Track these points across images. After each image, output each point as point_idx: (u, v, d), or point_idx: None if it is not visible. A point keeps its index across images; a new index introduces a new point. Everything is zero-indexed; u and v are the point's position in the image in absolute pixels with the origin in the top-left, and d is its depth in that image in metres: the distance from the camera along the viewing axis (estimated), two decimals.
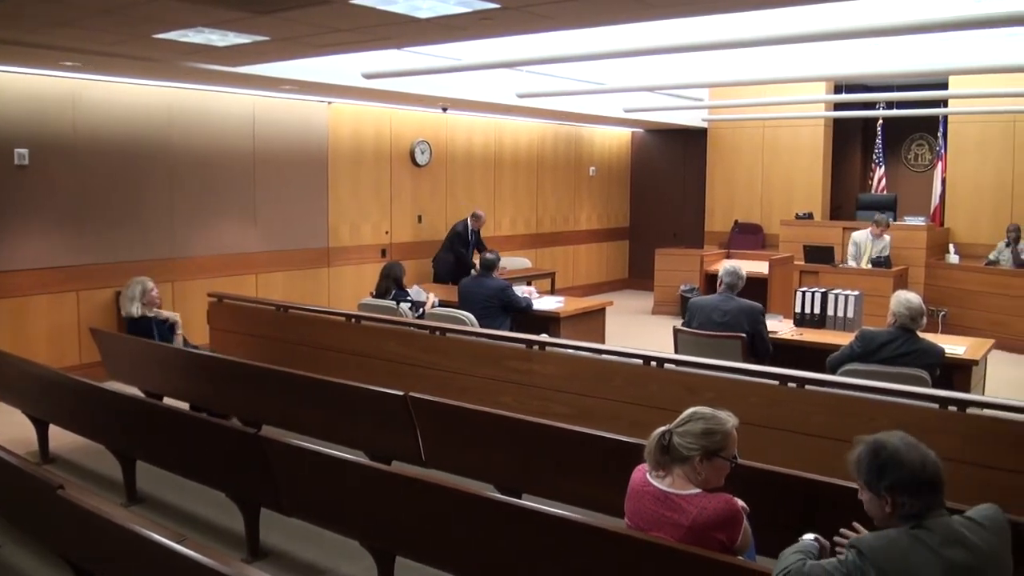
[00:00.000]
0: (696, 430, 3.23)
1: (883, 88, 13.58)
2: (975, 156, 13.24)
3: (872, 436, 2.77)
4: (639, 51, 8.01)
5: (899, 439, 2.72)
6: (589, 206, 16.15)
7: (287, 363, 6.87)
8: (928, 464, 2.65)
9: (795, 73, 11.05)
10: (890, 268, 11.36)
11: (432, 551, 4.09)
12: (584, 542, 3.40)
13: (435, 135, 12.67)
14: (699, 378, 5.47)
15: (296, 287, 10.78)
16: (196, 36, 6.33)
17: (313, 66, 8.46)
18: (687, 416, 3.27)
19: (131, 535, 3.23)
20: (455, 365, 6.61)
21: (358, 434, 5.77)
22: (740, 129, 15.35)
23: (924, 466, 2.64)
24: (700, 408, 3.31)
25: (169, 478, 5.53)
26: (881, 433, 2.77)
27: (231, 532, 5.12)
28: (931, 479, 2.64)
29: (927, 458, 2.66)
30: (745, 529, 3.23)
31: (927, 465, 2.65)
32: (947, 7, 7.50)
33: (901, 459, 2.66)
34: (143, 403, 5.79)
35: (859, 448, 2.77)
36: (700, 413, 3.28)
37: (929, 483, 2.63)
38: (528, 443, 4.90)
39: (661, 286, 14.15)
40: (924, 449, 2.70)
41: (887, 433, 2.76)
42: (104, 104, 8.88)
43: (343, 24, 5.93)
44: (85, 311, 8.81)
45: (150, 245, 9.33)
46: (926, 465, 2.65)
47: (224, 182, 10.00)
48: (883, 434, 2.75)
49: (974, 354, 6.38)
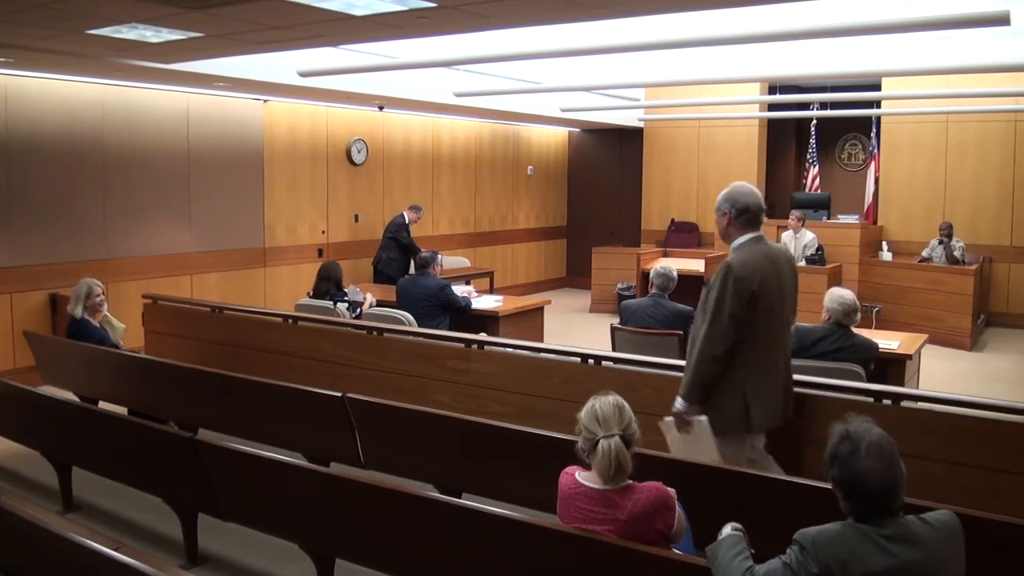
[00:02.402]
0: (630, 416, 3.26)
1: (817, 89, 13.79)
2: (908, 156, 13.52)
3: (858, 422, 2.65)
4: (576, 51, 8.05)
5: (871, 439, 2.59)
6: (527, 205, 16.19)
7: (223, 365, 6.80)
8: (877, 477, 2.53)
9: (730, 74, 11.16)
10: (824, 265, 11.53)
11: (372, 553, 4.07)
12: (525, 540, 3.41)
13: (372, 134, 12.60)
14: (636, 375, 5.51)
15: (232, 288, 10.66)
16: (130, 32, 6.23)
17: (248, 63, 8.38)
18: (609, 408, 3.25)
19: (67, 543, 3.17)
20: (393, 365, 6.58)
21: (296, 436, 5.72)
22: (676, 129, 15.47)
23: (870, 477, 2.53)
24: (600, 398, 3.31)
25: (106, 484, 5.44)
26: (866, 425, 2.64)
27: (169, 538, 5.04)
28: (872, 492, 2.54)
29: (880, 471, 2.54)
30: (679, 515, 3.26)
31: (874, 477, 2.53)
32: (880, 10, 7.65)
33: (854, 460, 2.57)
34: (78, 408, 5.68)
35: (838, 425, 2.68)
36: (612, 401, 3.29)
37: (868, 494, 2.54)
38: (467, 442, 4.89)
39: (598, 284, 14.23)
40: (890, 460, 2.56)
41: (870, 427, 2.63)
42: (36, 101, 8.70)
43: (277, 21, 5.88)
44: (19, 314, 8.62)
45: (83, 246, 9.15)
46: (873, 477, 2.53)
47: (158, 181, 9.85)
48: (866, 427, 2.63)
49: (908, 349, 6.51)
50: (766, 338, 4.43)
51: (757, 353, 4.41)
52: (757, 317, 4.34)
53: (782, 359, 4.58)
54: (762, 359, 4.43)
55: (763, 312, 4.36)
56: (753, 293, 4.30)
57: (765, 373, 4.45)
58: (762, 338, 4.40)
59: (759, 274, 4.34)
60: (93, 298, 6.99)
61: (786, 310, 4.55)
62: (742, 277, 4.29)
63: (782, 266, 4.53)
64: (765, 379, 4.44)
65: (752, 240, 4.48)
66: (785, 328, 4.60)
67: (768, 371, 4.46)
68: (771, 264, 4.45)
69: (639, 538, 3.13)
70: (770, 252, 4.52)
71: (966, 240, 12.16)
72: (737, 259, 4.38)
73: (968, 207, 13.04)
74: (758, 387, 4.42)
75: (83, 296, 6.96)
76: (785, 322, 4.58)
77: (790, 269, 4.60)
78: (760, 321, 4.36)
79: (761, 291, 4.33)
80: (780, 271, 4.49)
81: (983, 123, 12.84)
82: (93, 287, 6.99)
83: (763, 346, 4.42)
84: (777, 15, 7.77)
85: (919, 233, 13.13)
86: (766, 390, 4.45)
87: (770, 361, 4.47)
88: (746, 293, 4.29)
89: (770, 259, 4.46)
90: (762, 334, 4.40)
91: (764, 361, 4.44)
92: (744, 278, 4.29)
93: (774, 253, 4.55)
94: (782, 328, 4.56)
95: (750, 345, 4.37)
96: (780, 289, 4.47)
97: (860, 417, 2.70)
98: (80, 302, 6.95)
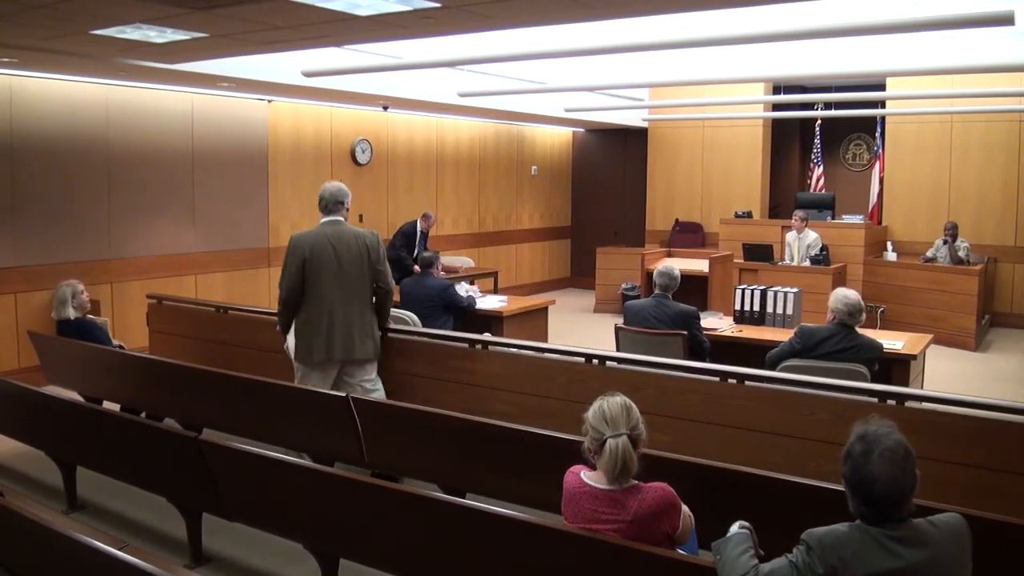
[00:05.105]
0: (637, 416, 3.26)
1: (821, 89, 13.78)
2: (912, 156, 13.52)
3: (878, 424, 2.61)
4: (580, 51, 8.05)
5: (887, 443, 2.55)
6: (531, 205, 16.18)
7: (228, 365, 6.81)
8: (885, 482, 2.50)
9: (734, 74, 11.15)
10: (829, 265, 11.52)
11: (376, 553, 4.07)
12: (529, 541, 3.40)
13: (376, 134, 12.61)
14: (641, 375, 5.50)
15: (237, 288, 10.67)
16: (134, 32, 6.23)
17: (252, 64, 8.38)
18: (617, 408, 3.25)
19: (72, 543, 3.17)
20: (397, 365, 6.58)
21: (300, 436, 5.73)
22: (680, 129, 15.47)
23: (878, 481, 2.50)
24: (607, 398, 3.31)
25: (111, 484, 5.44)
26: (886, 429, 2.59)
27: (173, 538, 5.05)
28: (877, 496, 2.51)
29: (889, 476, 2.50)
30: (685, 515, 3.26)
31: (882, 482, 2.50)
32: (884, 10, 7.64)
33: (865, 461, 2.53)
34: (82, 408, 5.68)
35: (859, 424, 2.64)
36: (619, 401, 3.29)
37: (873, 497, 2.52)
38: (471, 443, 4.90)
39: (602, 285, 14.22)
40: (903, 467, 2.52)
41: (889, 432, 2.58)
42: (40, 102, 8.71)
43: (282, 21, 5.88)
44: (23, 314, 8.63)
45: (87, 246, 9.16)
46: (881, 482, 2.50)
47: (162, 181, 9.85)
48: (885, 430, 2.58)
49: (912, 349, 6.50)
50: (317, 288, 5.94)
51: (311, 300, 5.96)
52: (309, 274, 5.91)
53: (341, 308, 5.98)
54: (314, 305, 5.94)
55: (314, 271, 5.90)
56: (304, 258, 5.89)
57: (320, 316, 5.93)
58: (314, 289, 5.94)
59: (308, 243, 5.94)
60: (80, 296, 7.03)
61: (344, 269, 5.97)
62: (295, 244, 5.97)
63: (343, 239, 6.02)
64: (320, 321, 5.93)
65: (323, 224, 6.09)
66: (347, 279, 5.99)
67: (322, 315, 5.93)
68: (327, 238, 5.98)
69: (644, 539, 3.12)
70: (334, 231, 6.03)
71: (971, 240, 12.13)
72: (299, 234, 6.08)
73: (972, 207, 13.03)
74: (314, 327, 5.94)
75: (69, 298, 7.00)
76: (346, 275, 5.99)
77: (354, 242, 6.05)
78: (312, 277, 5.92)
79: (311, 256, 5.90)
80: (335, 243, 5.98)
81: (988, 123, 12.83)
82: (76, 286, 7.05)
83: (315, 295, 5.94)
84: (781, 15, 7.76)
85: (923, 233, 13.12)
86: (322, 329, 5.93)
87: (322, 307, 5.93)
88: (299, 256, 5.91)
89: (328, 235, 5.99)
90: (313, 286, 5.93)
91: (316, 307, 5.93)
92: (297, 245, 5.95)
93: (339, 232, 6.04)
94: (342, 281, 5.98)
95: (307, 295, 5.95)
96: (336, 256, 5.95)
97: (882, 419, 2.66)
98: (68, 304, 6.98)
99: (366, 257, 6.05)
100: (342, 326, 5.97)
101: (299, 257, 5.90)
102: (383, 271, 6.15)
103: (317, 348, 5.94)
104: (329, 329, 5.94)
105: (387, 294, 6.27)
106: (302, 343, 5.99)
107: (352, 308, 6.01)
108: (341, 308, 5.97)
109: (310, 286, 5.92)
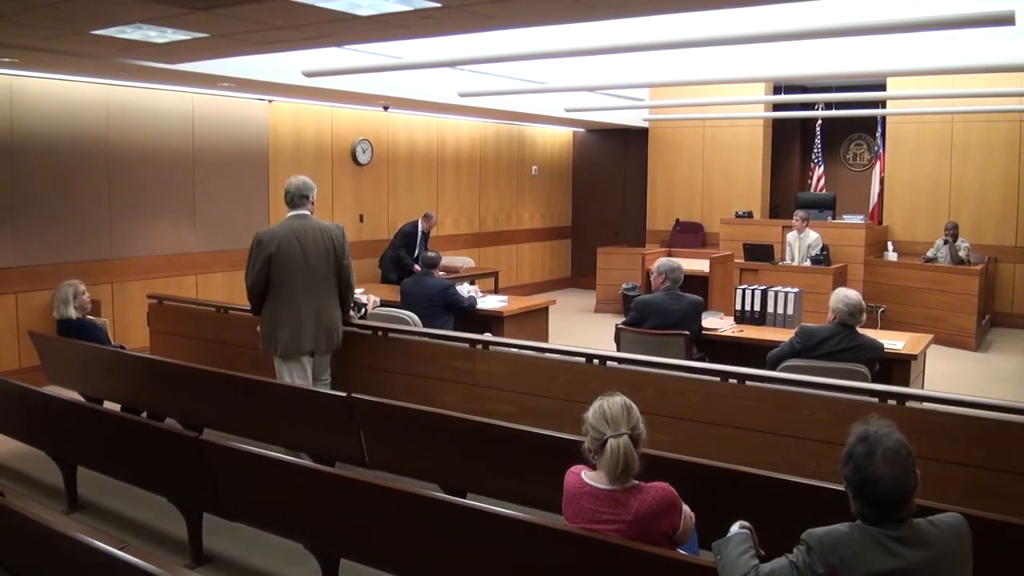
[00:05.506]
0: (638, 416, 3.26)
1: (822, 89, 13.78)
2: (913, 156, 13.52)
3: (879, 424, 2.62)
4: (580, 51, 8.05)
5: (888, 444, 2.55)
6: (532, 205, 16.18)
7: (229, 365, 6.81)
8: (888, 483, 2.51)
9: (735, 74, 11.14)
10: (829, 265, 11.52)
11: (377, 553, 4.07)
12: (529, 540, 3.40)
13: (376, 134, 12.61)
14: (641, 375, 5.50)
15: (237, 288, 10.59)
16: (134, 32, 6.23)
17: (252, 64, 8.38)
18: (618, 408, 3.26)
19: (73, 543, 3.17)
20: (397, 365, 6.58)
21: (301, 436, 5.73)
22: (680, 129, 15.47)
23: (881, 482, 2.51)
24: (608, 398, 3.32)
25: (111, 484, 5.45)
26: (887, 429, 2.60)
27: (174, 538, 5.05)
28: (880, 497, 2.52)
29: (892, 477, 2.51)
30: (685, 515, 3.26)
31: (885, 482, 2.51)
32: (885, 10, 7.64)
33: (868, 462, 2.54)
34: (83, 408, 5.68)
35: (859, 425, 2.66)
36: (620, 401, 3.29)
37: (876, 498, 2.52)
38: (472, 443, 4.90)
39: (603, 284, 14.21)
40: (905, 467, 2.54)
41: (890, 432, 2.59)
42: (41, 101, 8.70)
43: (282, 21, 5.88)
44: (24, 314, 8.62)
45: (88, 246, 9.15)
46: (884, 482, 2.51)
47: (163, 181, 9.85)
48: (886, 431, 2.59)
49: (913, 349, 6.50)
50: (284, 283, 6.07)
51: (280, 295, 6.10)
52: (276, 269, 6.03)
53: (308, 301, 6.13)
54: (283, 299, 6.09)
55: (281, 265, 6.01)
56: (271, 254, 6.00)
57: (289, 309, 6.08)
58: (282, 283, 6.07)
59: (275, 240, 6.04)
60: (81, 296, 7.04)
61: (310, 263, 6.09)
62: (261, 241, 6.07)
63: (309, 234, 6.12)
64: (289, 314, 6.08)
65: (290, 218, 6.20)
66: (313, 273, 6.12)
67: (290, 308, 6.08)
68: (293, 232, 6.08)
69: (645, 538, 3.12)
70: (300, 225, 6.13)
71: (971, 240, 12.12)
72: (265, 231, 6.22)
73: (973, 207, 13.03)
74: (281, 319, 6.09)
75: (71, 298, 7.00)
76: (312, 269, 6.12)
77: (320, 236, 6.16)
78: (279, 271, 6.03)
79: (277, 251, 6.00)
80: (301, 237, 6.08)
81: (988, 123, 12.82)
82: (78, 286, 7.06)
83: (284, 289, 6.08)
84: (781, 15, 7.76)
85: (924, 233, 13.12)
86: (291, 322, 6.09)
87: (290, 301, 6.08)
88: (265, 253, 6.01)
89: (294, 230, 6.09)
90: (281, 280, 6.06)
91: (285, 301, 6.07)
92: (264, 242, 6.05)
93: (305, 227, 6.14)
94: (308, 275, 6.11)
95: (274, 288, 6.09)
96: (302, 250, 6.06)
97: (881, 419, 2.67)
98: (70, 304, 6.99)
99: (331, 251, 6.20)
100: (310, 319, 6.15)
101: (265, 253, 6.03)
102: (347, 265, 6.31)
103: (289, 340, 6.11)
104: (299, 322, 6.11)
105: (348, 288, 6.41)
106: (274, 337, 6.15)
107: (318, 300, 6.19)
108: (308, 301, 6.13)
109: (277, 280, 6.07)
